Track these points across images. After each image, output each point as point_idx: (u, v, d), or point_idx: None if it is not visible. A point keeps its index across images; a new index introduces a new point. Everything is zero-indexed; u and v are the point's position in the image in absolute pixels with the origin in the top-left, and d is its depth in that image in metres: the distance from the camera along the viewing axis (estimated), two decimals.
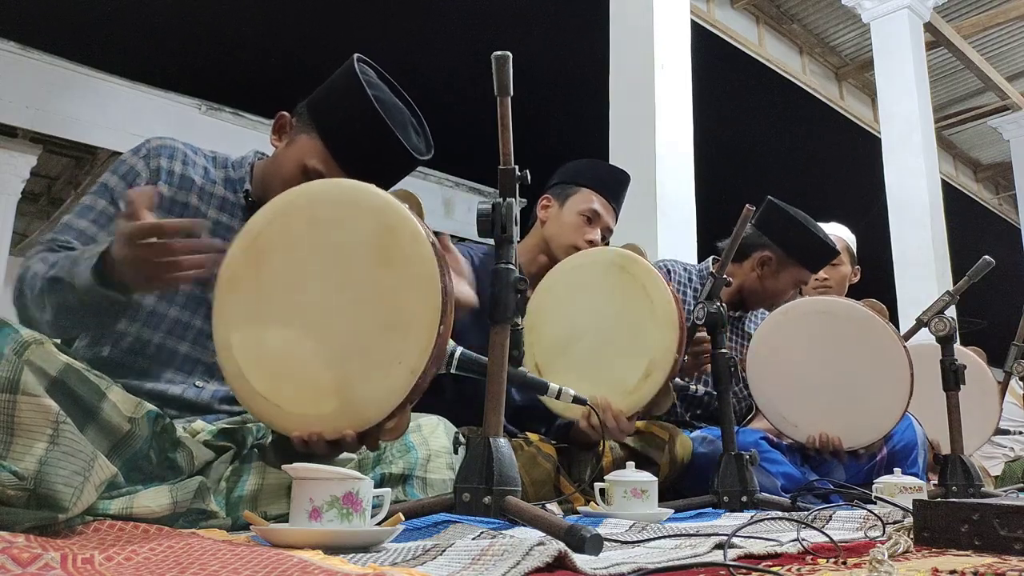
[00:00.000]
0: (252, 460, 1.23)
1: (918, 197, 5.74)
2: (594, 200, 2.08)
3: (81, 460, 0.92)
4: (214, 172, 1.49)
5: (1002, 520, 1.01)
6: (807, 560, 0.94)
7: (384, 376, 1.05)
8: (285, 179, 1.38)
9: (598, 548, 0.94)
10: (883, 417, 2.07)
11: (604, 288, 1.74)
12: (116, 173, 1.42)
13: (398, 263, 1.06)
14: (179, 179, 1.43)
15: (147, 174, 1.41)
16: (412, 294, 1.05)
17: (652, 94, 4.11)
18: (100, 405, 1.03)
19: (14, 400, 0.91)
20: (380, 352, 1.05)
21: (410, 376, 1.04)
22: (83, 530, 0.91)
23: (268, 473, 1.22)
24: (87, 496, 0.92)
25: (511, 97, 1.21)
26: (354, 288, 1.08)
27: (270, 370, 1.09)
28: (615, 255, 1.76)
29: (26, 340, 0.98)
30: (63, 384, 0.99)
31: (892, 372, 2.03)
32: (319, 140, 1.41)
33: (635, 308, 1.68)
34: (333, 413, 1.06)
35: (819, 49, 7.74)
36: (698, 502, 1.73)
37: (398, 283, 1.06)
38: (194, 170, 1.46)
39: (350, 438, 1.08)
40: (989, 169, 10.54)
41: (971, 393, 2.25)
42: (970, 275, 2.20)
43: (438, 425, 1.42)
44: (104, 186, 1.41)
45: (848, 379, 2.08)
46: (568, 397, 1.38)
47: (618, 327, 1.69)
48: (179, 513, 1.06)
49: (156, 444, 1.10)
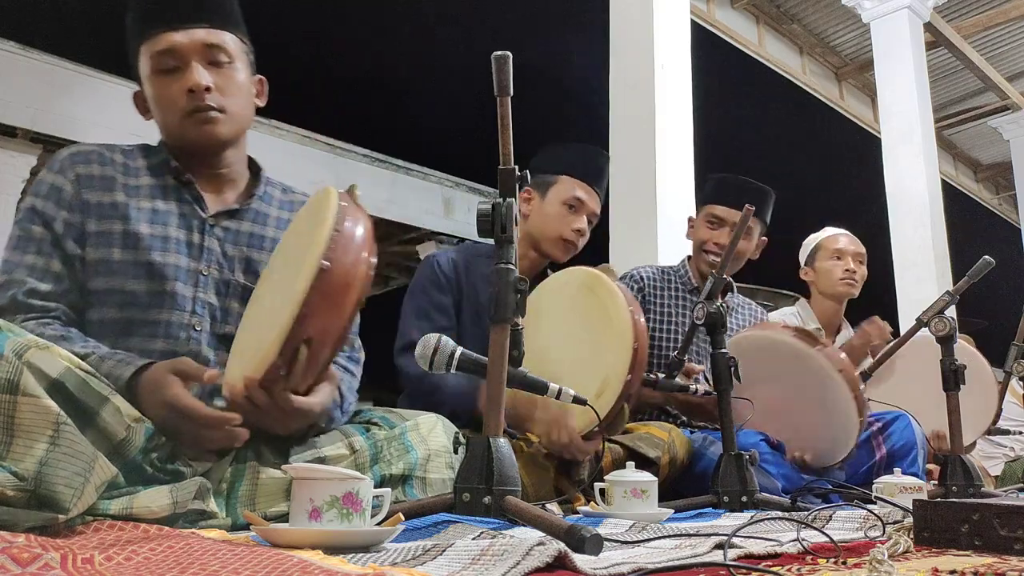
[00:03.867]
0: (247, 460, 1.23)
1: (918, 197, 5.74)
2: (576, 187, 2.04)
3: (82, 461, 0.92)
4: (134, 164, 1.43)
5: (1002, 520, 1.01)
6: (807, 560, 0.94)
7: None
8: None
9: (598, 548, 0.94)
10: (843, 438, 2.08)
11: (574, 308, 1.74)
12: (39, 195, 1.36)
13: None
14: (100, 181, 1.38)
15: (71, 187, 1.35)
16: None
17: (652, 94, 4.11)
18: (99, 410, 1.03)
19: (14, 401, 0.91)
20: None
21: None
22: (83, 530, 0.91)
23: (262, 473, 1.21)
24: (87, 497, 0.92)
25: (511, 97, 1.21)
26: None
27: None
28: (586, 275, 1.76)
29: (27, 343, 0.98)
30: (62, 386, 0.99)
31: (837, 398, 2.01)
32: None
33: (597, 328, 1.68)
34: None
35: (819, 49, 7.73)
36: (698, 502, 1.73)
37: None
38: (113, 168, 1.40)
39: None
40: (989, 169, 10.54)
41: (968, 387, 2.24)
42: (970, 275, 2.19)
43: (436, 424, 1.41)
44: (32, 210, 1.35)
45: (803, 408, 2.08)
46: (568, 397, 1.38)
47: (580, 346, 1.69)
48: (179, 513, 1.06)
49: (149, 458, 1.10)
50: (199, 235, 1.40)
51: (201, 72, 1.37)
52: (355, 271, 1.14)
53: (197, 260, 1.39)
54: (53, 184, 1.36)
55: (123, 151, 1.45)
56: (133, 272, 1.33)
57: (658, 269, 2.52)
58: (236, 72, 1.42)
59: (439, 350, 1.28)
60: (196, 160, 1.44)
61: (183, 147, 1.43)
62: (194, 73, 1.36)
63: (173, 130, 1.41)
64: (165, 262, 1.35)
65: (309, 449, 1.28)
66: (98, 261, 1.33)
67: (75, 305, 1.32)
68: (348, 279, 1.13)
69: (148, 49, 1.38)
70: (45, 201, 1.35)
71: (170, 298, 1.34)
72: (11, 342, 0.96)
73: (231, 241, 1.43)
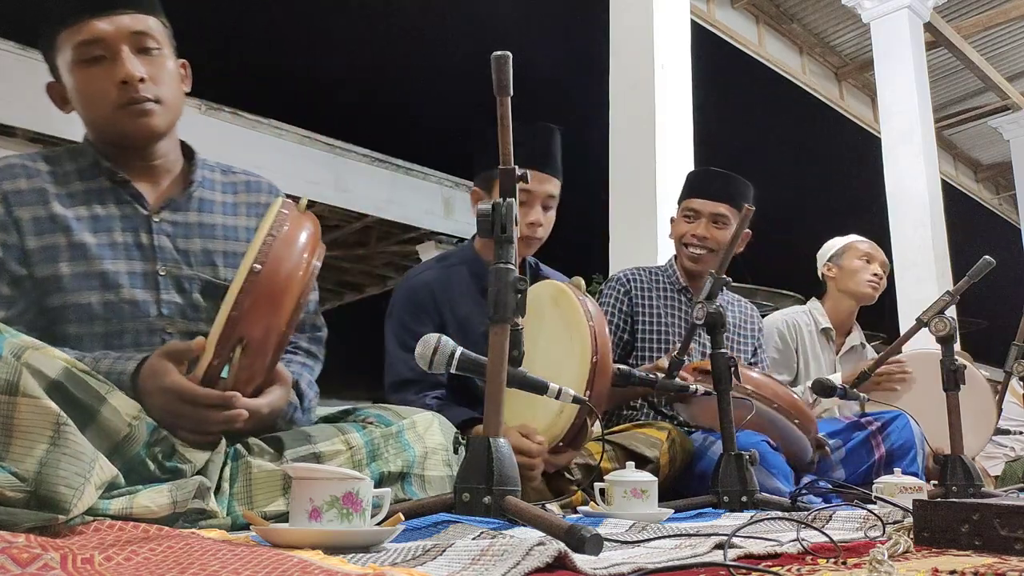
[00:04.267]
0: (239, 457, 1.22)
1: (918, 197, 5.74)
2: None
3: (83, 461, 0.92)
4: (62, 170, 1.38)
5: (1002, 520, 1.01)
6: (807, 560, 0.94)
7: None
8: None
9: (598, 548, 0.94)
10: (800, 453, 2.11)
11: (541, 321, 1.73)
12: None
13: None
14: (30, 194, 1.31)
15: (1, 207, 1.29)
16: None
17: (652, 94, 4.10)
18: (99, 408, 1.03)
19: (13, 402, 0.91)
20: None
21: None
22: (83, 530, 0.91)
23: (254, 467, 1.20)
24: (88, 497, 0.92)
25: (511, 97, 1.21)
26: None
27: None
28: (553, 289, 1.75)
29: (24, 344, 0.98)
30: (62, 386, 0.99)
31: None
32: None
33: (561, 342, 1.67)
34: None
35: (819, 49, 7.73)
36: (698, 502, 1.73)
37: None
38: (41, 179, 1.34)
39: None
40: (989, 169, 10.53)
41: (966, 401, 2.24)
42: (970, 275, 2.19)
43: (432, 421, 1.41)
44: None
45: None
46: (568, 397, 1.38)
47: (546, 359, 1.67)
48: (179, 513, 1.06)
49: (152, 452, 1.10)
50: (147, 235, 1.35)
51: (134, 62, 1.30)
52: (293, 274, 1.16)
53: (151, 261, 1.34)
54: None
55: (46, 158, 1.38)
56: (87, 285, 1.29)
57: (646, 270, 2.50)
58: (165, 59, 1.37)
59: (439, 350, 1.28)
60: (129, 154, 1.38)
61: (115, 141, 1.37)
62: (126, 63, 1.30)
63: (103, 125, 1.36)
64: (117, 270, 1.31)
65: (303, 445, 1.26)
66: (47, 279, 1.29)
67: (35, 325, 1.27)
68: (284, 282, 1.15)
69: (69, 38, 1.31)
70: None
71: (131, 306, 1.30)
72: (8, 343, 0.96)
73: (181, 235, 1.39)
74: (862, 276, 2.92)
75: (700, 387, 1.85)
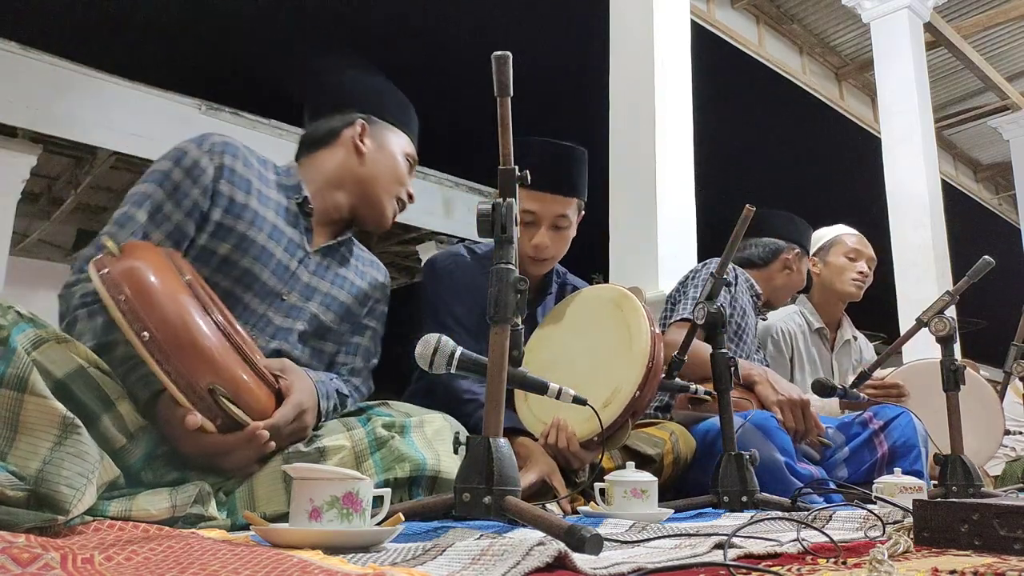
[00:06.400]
0: None
1: (918, 197, 5.74)
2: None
3: (87, 462, 0.92)
4: (266, 174, 1.51)
5: (1002, 520, 1.01)
6: (807, 560, 0.94)
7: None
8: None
9: (598, 548, 0.94)
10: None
11: (598, 321, 1.80)
12: (179, 164, 1.37)
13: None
14: (240, 180, 1.43)
15: (212, 171, 1.39)
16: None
17: (652, 94, 4.10)
18: (101, 415, 1.03)
19: (21, 399, 0.91)
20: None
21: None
22: (83, 530, 0.91)
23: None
24: (88, 498, 0.92)
25: (511, 97, 1.21)
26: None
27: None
28: (617, 293, 1.82)
29: (46, 335, 0.98)
30: (66, 387, 0.99)
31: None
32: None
33: (616, 342, 1.71)
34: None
35: (819, 49, 7.73)
36: (698, 502, 1.73)
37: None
38: (251, 171, 1.46)
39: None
40: (989, 169, 10.53)
41: (974, 410, 2.24)
42: (970, 275, 2.19)
43: (440, 421, 1.42)
44: (165, 176, 1.36)
45: None
46: (568, 398, 1.38)
47: (596, 357, 1.73)
48: (178, 517, 1.06)
49: (152, 465, 1.10)
50: (297, 263, 1.48)
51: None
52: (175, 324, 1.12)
53: (284, 284, 1.45)
54: (197, 162, 1.38)
55: (258, 159, 1.51)
56: (230, 271, 1.38)
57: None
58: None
59: (439, 350, 1.28)
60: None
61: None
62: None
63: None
64: (262, 277, 1.41)
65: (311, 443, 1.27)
66: (203, 248, 1.37)
67: None
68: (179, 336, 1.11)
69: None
70: (184, 174, 1.37)
71: (242, 307, 1.39)
72: (28, 335, 0.96)
73: (320, 276, 1.53)
74: (847, 275, 2.90)
75: (701, 387, 1.86)
